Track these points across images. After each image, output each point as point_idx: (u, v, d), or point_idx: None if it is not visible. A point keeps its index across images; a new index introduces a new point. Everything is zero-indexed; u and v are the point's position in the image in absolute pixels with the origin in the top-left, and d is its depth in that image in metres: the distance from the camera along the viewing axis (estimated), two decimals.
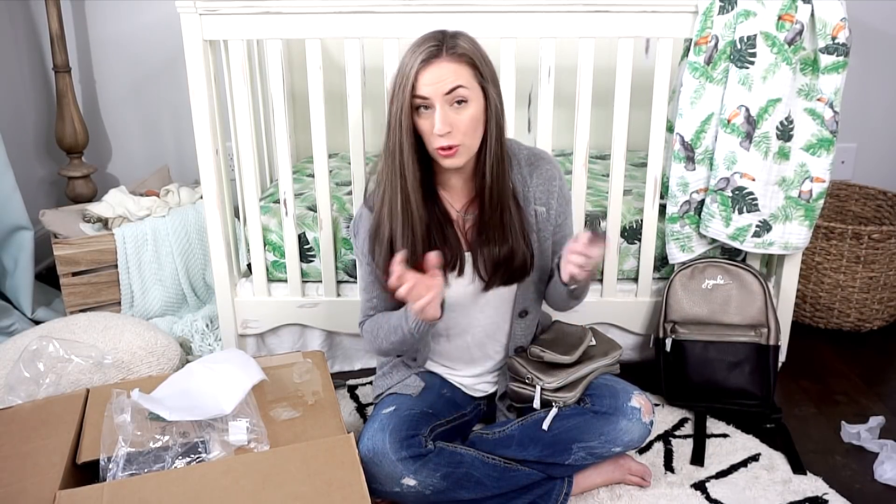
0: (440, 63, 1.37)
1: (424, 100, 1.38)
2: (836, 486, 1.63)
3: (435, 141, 1.40)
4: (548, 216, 1.56)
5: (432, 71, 1.37)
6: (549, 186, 1.55)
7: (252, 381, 1.49)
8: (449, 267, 1.51)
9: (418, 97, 1.38)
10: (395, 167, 1.43)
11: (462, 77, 1.38)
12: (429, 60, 1.37)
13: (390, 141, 1.42)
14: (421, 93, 1.37)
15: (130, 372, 1.83)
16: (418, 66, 1.37)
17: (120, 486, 1.28)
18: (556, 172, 1.56)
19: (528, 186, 1.55)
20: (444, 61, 1.37)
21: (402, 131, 1.40)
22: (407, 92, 1.37)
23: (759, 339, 1.89)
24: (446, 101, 1.38)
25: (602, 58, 1.94)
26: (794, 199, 1.87)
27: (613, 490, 1.62)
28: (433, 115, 1.38)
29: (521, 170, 1.55)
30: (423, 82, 1.37)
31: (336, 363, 2.13)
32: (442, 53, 1.38)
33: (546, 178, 1.55)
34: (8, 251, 2.36)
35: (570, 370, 1.57)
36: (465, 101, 1.39)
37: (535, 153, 1.58)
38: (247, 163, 1.94)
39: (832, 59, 1.75)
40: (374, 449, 1.44)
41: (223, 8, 1.78)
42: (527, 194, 1.55)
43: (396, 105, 1.40)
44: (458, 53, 1.38)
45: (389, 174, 1.45)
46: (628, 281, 2.06)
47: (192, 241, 2.36)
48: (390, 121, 1.41)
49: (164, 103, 2.86)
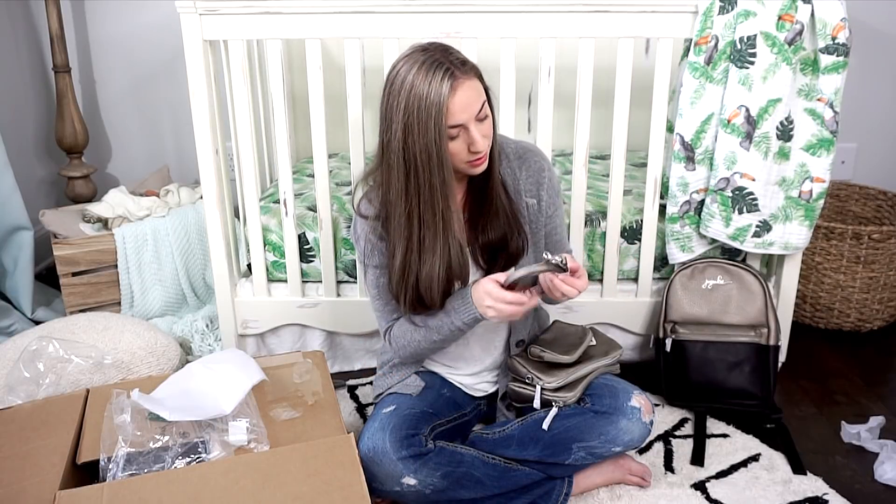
0: (463, 84, 1.33)
1: (459, 127, 1.35)
2: (836, 486, 1.63)
3: (468, 157, 1.39)
4: (539, 208, 1.56)
5: (460, 96, 1.33)
6: (539, 178, 1.55)
7: (252, 381, 1.49)
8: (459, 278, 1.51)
9: (452, 126, 1.34)
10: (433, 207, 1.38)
11: (481, 93, 1.37)
12: (454, 87, 1.32)
13: (421, 180, 1.36)
14: (457, 122, 1.34)
15: (130, 372, 1.83)
16: (447, 92, 1.31)
17: (120, 487, 1.28)
18: (544, 164, 1.57)
19: (518, 180, 1.55)
20: (465, 82, 1.33)
21: (442, 166, 1.35)
22: (441, 121, 1.32)
23: (759, 339, 1.89)
24: (476, 120, 1.37)
25: (602, 58, 1.94)
26: (795, 199, 1.87)
27: (613, 490, 1.62)
28: (464, 136, 1.37)
29: (510, 163, 1.55)
30: (456, 110, 1.33)
31: (336, 363, 2.13)
32: (459, 74, 1.33)
33: (535, 171, 1.56)
34: (8, 251, 2.36)
35: (570, 370, 1.57)
36: (487, 116, 1.39)
37: (522, 146, 1.58)
38: (247, 163, 1.94)
39: (832, 59, 1.75)
40: (374, 448, 1.44)
41: (223, 8, 1.78)
42: (517, 187, 1.55)
43: (426, 139, 1.32)
44: (468, 68, 1.35)
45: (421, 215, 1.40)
46: (628, 281, 2.06)
47: (192, 241, 2.36)
48: (418, 158, 1.34)
49: (164, 103, 2.86)
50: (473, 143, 1.36)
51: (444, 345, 1.55)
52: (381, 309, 1.59)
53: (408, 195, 1.39)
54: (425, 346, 1.54)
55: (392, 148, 1.36)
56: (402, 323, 1.56)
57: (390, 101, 1.36)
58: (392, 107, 1.35)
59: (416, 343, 1.54)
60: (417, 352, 1.56)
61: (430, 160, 1.34)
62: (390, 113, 1.36)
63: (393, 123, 1.35)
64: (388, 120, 1.37)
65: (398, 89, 1.34)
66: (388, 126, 1.37)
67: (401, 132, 1.34)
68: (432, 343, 1.53)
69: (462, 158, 1.39)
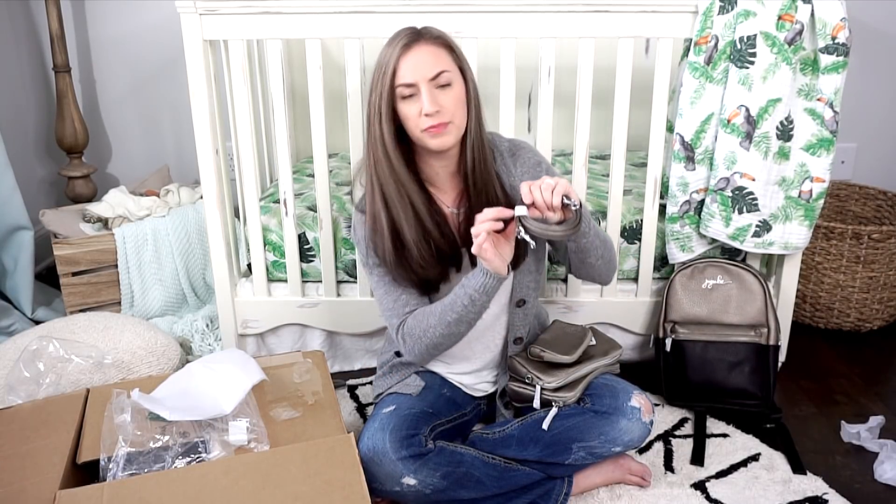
0: (420, 48, 1.40)
1: (409, 87, 1.39)
2: (836, 485, 1.63)
3: (423, 122, 1.41)
4: None
5: (413, 56, 1.39)
6: (536, 171, 1.56)
7: (252, 381, 1.49)
8: (450, 263, 1.52)
9: (402, 85, 1.39)
10: (379, 156, 1.44)
11: (443, 61, 1.41)
12: (409, 46, 1.39)
13: (371, 134, 1.44)
14: (405, 80, 1.39)
15: (130, 372, 1.83)
16: (399, 52, 1.39)
17: (120, 486, 1.28)
18: (539, 157, 1.58)
19: (513, 175, 1.56)
20: (423, 45, 1.40)
21: (383, 119, 1.41)
22: (388, 80, 1.39)
23: (759, 339, 1.89)
24: (432, 85, 1.40)
25: (602, 58, 1.94)
26: (794, 198, 1.87)
27: (613, 490, 1.62)
28: (418, 100, 1.40)
29: (504, 160, 1.56)
30: (406, 68, 1.39)
31: (336, 363, 2.13)
32: (420, 39, 1.40)
33: (531, 164, 1.56)
34: (8, 251, 2.36)
35: (570, 370, 1.57)
36: (448, 85, 1.41)
37: (515, 143, 1.60)
38: (247, 163, 1.94)
39: (832, 59, 1.75)
40: (374, 448, 1.44)
41: (223, 8, 1.78)
42: (513, 182, 1.55)
43: (375, 95, 1.41)
44: (434, 37, 1.41)
45: (375, 166, 1.46)
46: (628, 281, 2.06)
47: (192, 241, 2.36)
48: (370, 113, 1.43)
49: (164, 103, 2.86)
50: (424, 106, 1.39)
51: (459, 327, 1.48)
52: (391, 307, 1.55)
53: (367, 147, 1.47)
54: (441, 332, 1.48)
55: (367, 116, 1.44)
56: (414, 314, 1.53)
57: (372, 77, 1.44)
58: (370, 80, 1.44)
59: (432, 329, 1.49)
60: (433, 341, 1.50)
61: (380, 115, 1.41)
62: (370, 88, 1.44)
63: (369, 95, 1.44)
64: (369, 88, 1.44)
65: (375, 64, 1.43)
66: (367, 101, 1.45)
67: (368, 91, 1.44)
68: (447, 326, 1.47)
69: (416, 124, 1.42)
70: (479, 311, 1.47)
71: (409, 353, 1.55)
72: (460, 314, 1.46)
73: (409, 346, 1.54)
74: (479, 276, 1.42)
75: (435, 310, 1.49)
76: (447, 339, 1.51)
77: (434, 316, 1.49)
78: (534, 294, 1.64)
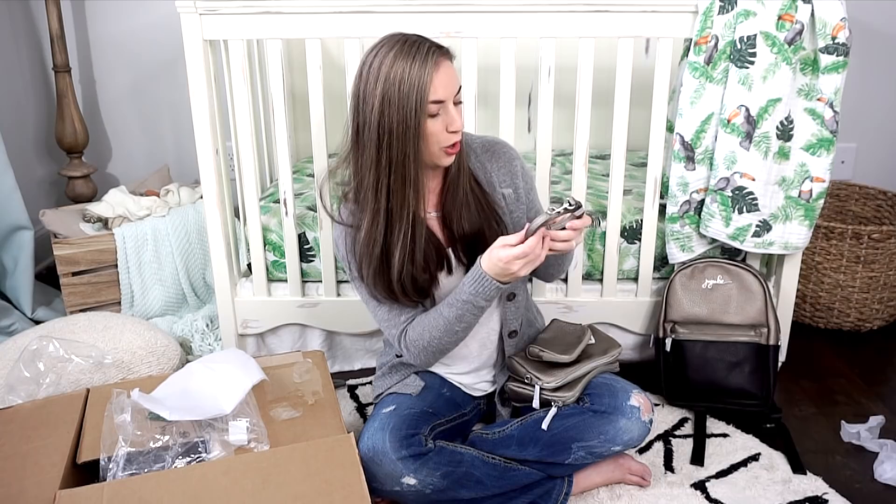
0: (445, 62, 1.38)
1: (438, 104, 1.37)
2: (836, 485, 1.63)
3: (447, 139, 1.40)
4: (516, 197, 1.56)
5: (443, 72, 1.36)
6: (511, 168, 1.56)
7: (252, 381, 1.49)
8: (438, 267, 1.51)
9: (433, 102, 1.36)
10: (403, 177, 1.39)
11: (458, 79, 1.41)
12: (439, 62, 1.36)
13: (393, 151, 1.37)
14: (438, 97, 1.36)
15: (130, 372, 1.83)
16: (430, 68, 1.34)
17: (120, 486, 1.28)
18: (513, 153, 1.58)
19: (488, 172, 1.55)
20: (446, 60, 1.38)
21: (418, 138, 1.36)
22: (421, 96, 1.34)
23: (759, 338, 1.89)
24: (453, 101, 1.39)
25: (602, 58, 1.94)
26: (794, 198, 1.87)
27: (613, 490, 1.62)
28: (442, 117, 1.38)
29: (477, 157, 1.56)
30: (439, 84, 1.35)
31: (336, 363, 2.13)
32: (444, 54, 1.38)
33: (506, 161, 1.56)
34: (8, 251, 2.36)
35: (569, 369, 1.57)
36: (461, 104, 1.41)
37: (488, 140, 1.59)
38: (247, 163, 1.94)
39: (832, 59, 1.75)
40: (374, 448, 1.44)
41: (223, 8, 1.78)
42: (490, 179, 1.55)
43: (403, 113, 1.34)
44: (446, 52, 1.39)
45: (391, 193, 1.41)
46: (628, 281, 2.06)
47: (192, 241, 2.36)
48: (394, 130, 1.35)
49: (164, 103, 2.86)
50: (452, 122, 1.38)
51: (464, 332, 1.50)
52: (387, 317, 1.55)
53: (379, 167, 1.39)
54: (448, 340, 1.50)
55: (368, 123, 1.37)
56: (413, 325, 1.53)
57: (366, 78, 1.37)
58: (368, 83, 1.36)
59: (437, 340, 1.50)
60: (440, 348, 1.51)
61: (407, 132, 1.36)
62: (365, 91, 1.37)
63: (369, 99, 1.36)
64: (361, 97, 1.38)
65: (377, 67, 1.35)
66: (361, 105, 1.38)
67: (378, 106, 1.35)
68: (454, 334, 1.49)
69: (439, 141, 1.40)
70: (482, 313, 1.49)
71: (414, 360, 1.56)
72: (469, 322, 1.48)
73: (413, 354, 1.54)
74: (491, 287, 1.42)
75: (438, 322, 1.49)
76: (452, 344, 1.53)
77: (438, 329, 1.49)
78: (522, 287, 1.65)
